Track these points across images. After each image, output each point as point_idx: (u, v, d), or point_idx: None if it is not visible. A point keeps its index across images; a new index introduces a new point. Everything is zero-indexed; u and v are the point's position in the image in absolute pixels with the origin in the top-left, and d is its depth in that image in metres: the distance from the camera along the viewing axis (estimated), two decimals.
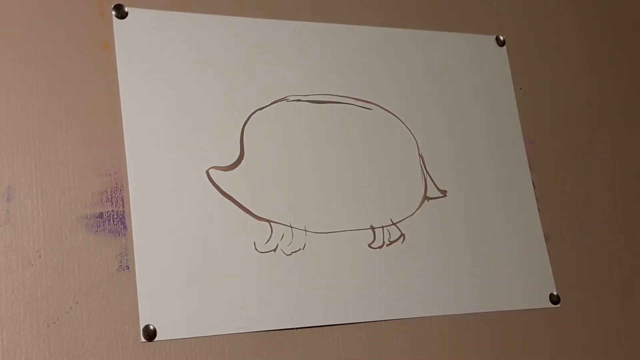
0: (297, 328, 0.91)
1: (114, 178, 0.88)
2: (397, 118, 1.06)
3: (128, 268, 0.86)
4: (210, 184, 0.92)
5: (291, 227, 0.95)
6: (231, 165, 0.94)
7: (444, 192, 1.05)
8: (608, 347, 1.09)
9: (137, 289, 0.85)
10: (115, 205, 0.87)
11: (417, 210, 1.03)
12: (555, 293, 1.07)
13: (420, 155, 1.06)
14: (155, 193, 0.89)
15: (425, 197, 1.04)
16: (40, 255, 0.83)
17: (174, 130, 0.92)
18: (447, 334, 0.99)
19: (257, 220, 0.93)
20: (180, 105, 0.94)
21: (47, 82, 0.88)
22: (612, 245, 1.15)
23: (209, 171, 0.93)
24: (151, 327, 0.84)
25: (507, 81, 1.16)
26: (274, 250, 0.93)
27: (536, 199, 1.11)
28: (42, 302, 0.82)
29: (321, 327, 0.93)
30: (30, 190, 0.84)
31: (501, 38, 1.18)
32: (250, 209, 0.93)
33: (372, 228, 0.99)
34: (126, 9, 0.94)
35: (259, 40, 1.01)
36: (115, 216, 0.87)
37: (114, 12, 0.94)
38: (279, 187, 0.96)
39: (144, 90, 0.92)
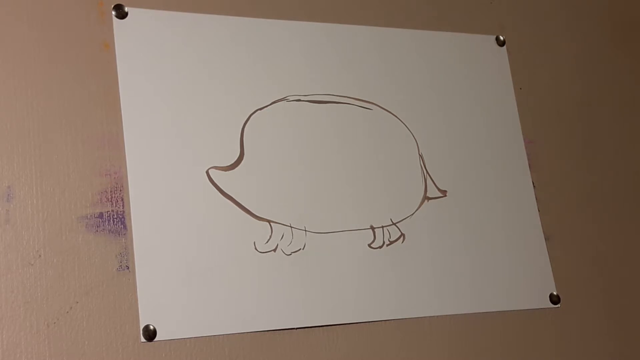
0: (297, 328, 0.91)
1: (114, 178, 0.88)
2: (397, 118, 1.06)
3: (128, 268, 0.86)
4: (210, 184, 0.92)
5: (291, 227, 0.95)
6: (231, 165, 0.94)
7: (444, 192, 1.05)
8: (608, 347, 1.09)
9: (137, 289, 0.85)
10: (115, 205, 0.87)
11: (417, 210, 1.03)
12: (555, 293, 1.07)
13: (420, 155, 1.06)
14: (155, 193, 0.89)
15: (425, 197, 1.04)
16: (40, 255, 0.83)
17: (174, 130, 0.92)
18: (447, 334, 0.99)
19: (257, 220, 0.93)
20: (180, 105, 0.94)
21: (47, 82, 0.88)
22: (612, 245, 1.15)
23: (209, 171, 0.93)
24: (151, 327, 0.84)
25: (507, 81, 1.16)
26: (274, 250, 0.93)
27: (536, 199, 1.11)
28: (42, 302, 0.81)
29: (321, 327, 0.93)
30: (30, 190, 0.84)
31: (501, 38, 1.18)
32: (250, 209, 0.93)
33: (372, 228, 0.99)
34: (126, 9, 0.94)
35: (259, 40, 1.01)
36: (115, 216, 0.87)
37: (114, 12, 0.94)
38: (279, 187, 0.96)
39: (144, 90, 0.92)
